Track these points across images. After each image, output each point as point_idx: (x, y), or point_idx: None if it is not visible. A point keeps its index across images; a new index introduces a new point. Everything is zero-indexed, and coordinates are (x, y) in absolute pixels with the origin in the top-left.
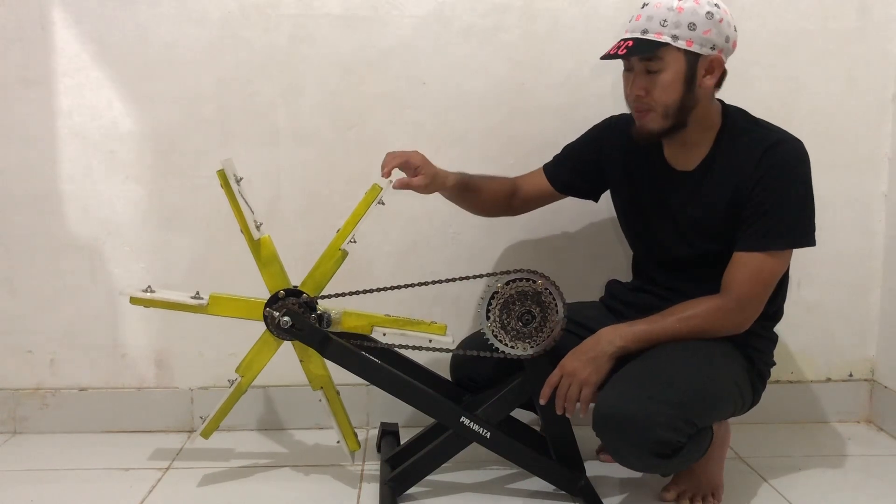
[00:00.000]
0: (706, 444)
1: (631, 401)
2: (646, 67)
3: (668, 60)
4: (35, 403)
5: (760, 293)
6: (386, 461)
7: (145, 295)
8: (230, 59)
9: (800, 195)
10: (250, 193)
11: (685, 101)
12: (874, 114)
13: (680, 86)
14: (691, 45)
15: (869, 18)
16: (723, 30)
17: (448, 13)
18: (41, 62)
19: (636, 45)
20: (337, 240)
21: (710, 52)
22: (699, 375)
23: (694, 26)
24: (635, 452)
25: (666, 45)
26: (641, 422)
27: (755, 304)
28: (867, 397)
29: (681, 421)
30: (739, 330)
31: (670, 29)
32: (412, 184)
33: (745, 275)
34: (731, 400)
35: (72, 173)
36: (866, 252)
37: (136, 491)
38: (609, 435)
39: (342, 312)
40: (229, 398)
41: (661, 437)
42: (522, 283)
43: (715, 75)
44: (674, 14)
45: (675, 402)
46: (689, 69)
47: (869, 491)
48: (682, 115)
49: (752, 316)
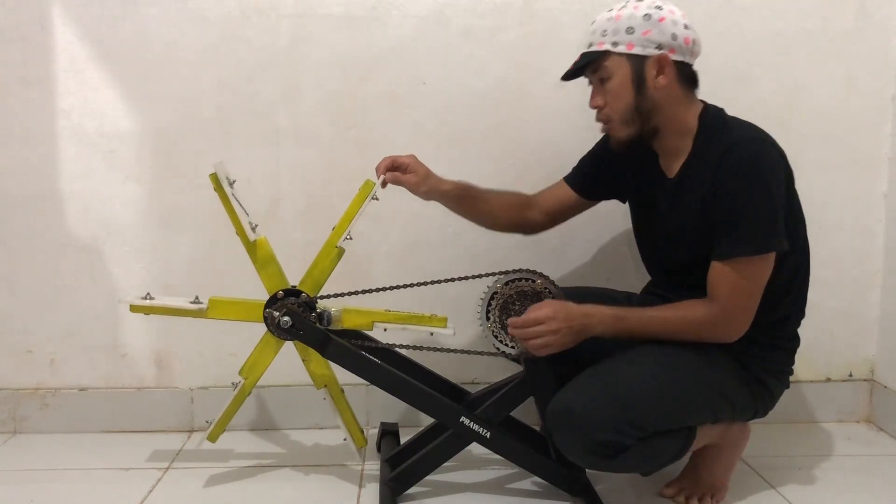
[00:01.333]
0: (675, 449)
1: (578, 401)
2: (599, 79)
3: (613, 67)
4: (35, 403)
5: (746, 302)
6: (386, 461)
7: (145, 302)
8: (230, 59)
9: (758, 199)
10: (250, 193)
11: (639, 104)
12: (874, 114)
13: (629, 89)
14: (632, 47)
15: (869, 18)
16: (665, 28)
17: (448, 13)
18: (41, 62)
19: (581, 58)
20: (333, 237)
21: (656, 51)
22: (658, 379)
23: (632, 30)
24: (577, 450)
25: (607, 53)
26: (582, 421)
27: (742, 314)
28: (867, 397)
29: (625, 423)
30: (729, 339)
31: (610, 37)
32: (402, 179)
33: (726, 285)
34: (706, 404)
35: (72, 173)
36: (866, 252)
37: (136, 491)
38: (555, 431)
39: (342, 310)
40: (234, 401)
41: (601, 437)
42: (522, 283)
43: (667, 74)
44: (612, 23)
45: (621, 405)
46: (635, 72)
47: (869, 491)
48: (644, 118)
49: (741, 326)
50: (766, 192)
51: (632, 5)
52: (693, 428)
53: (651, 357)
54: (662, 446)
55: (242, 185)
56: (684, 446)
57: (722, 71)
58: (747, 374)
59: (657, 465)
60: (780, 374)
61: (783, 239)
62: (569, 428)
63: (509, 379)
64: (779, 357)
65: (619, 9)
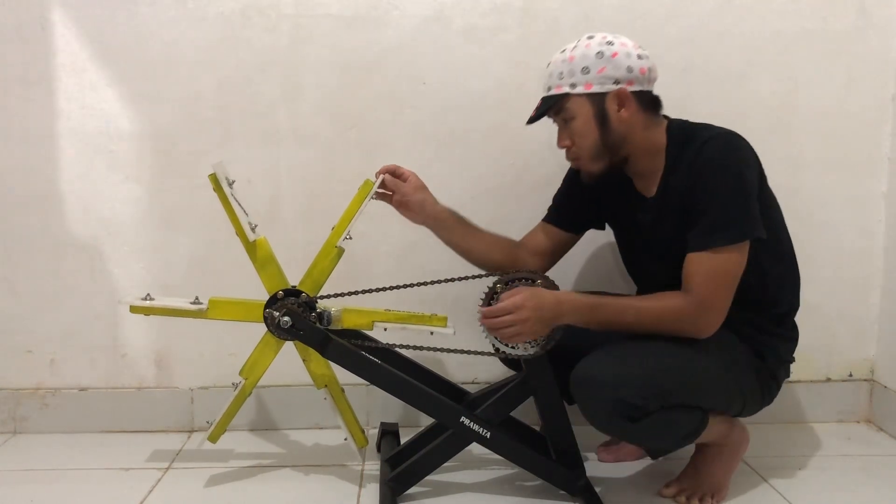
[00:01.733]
0: (691, 428)
1: (607, 363)
2: (562, 120)
3: (574, 108)
4: (35, 403)
5: (721, 293)
6: (386, 461)
7: (145, 303)
8: (230, 59)
9: (731, 187)
10: (250, 193)
11: (605, 139)
12: (874, 114)
13: (594, 127)
14: (590, 87)
15: (869, 18)
16: (620, 63)
17: (448, 13)
18: (41, 62)
19: (543, 103)
20: (332, 237)
21: (614, 86)
22: (682, 356)
23: (587, 69)
24: (601, 410)
25: (566, 95)
26: (610, 382)
27: (717, 305)
28: (867, 397)
29: (651, 389)
30: (703, 333)
31: (567, 79)
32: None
33: (701, 276)
34: (723, 390)
35: (72, 173)
36: (866, 252)
37: (136, 491)
38: (580, 393)
39: (342, 310)
40: (234, 401)
41: (627, 398)
42: (522, 283)
43: (628, 106)
44: (567, 64)
45: (648, 370)
46: (596, 109)
47: (869, 491)
48: (612, 151)
49: (716, 318)
50: (739, 182)
51: (583, 45)
52: (706, 414)
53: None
54: (681, 420)
55: (242, 185)
56: (697, 428)
57: (722, 71)
58: (762, 365)
59: (670, 441)
60: (787, 365)
61: (759, 227)
62: (597, 387)
63: (509, 379)
64: (786, 348)
65: (572, 49)
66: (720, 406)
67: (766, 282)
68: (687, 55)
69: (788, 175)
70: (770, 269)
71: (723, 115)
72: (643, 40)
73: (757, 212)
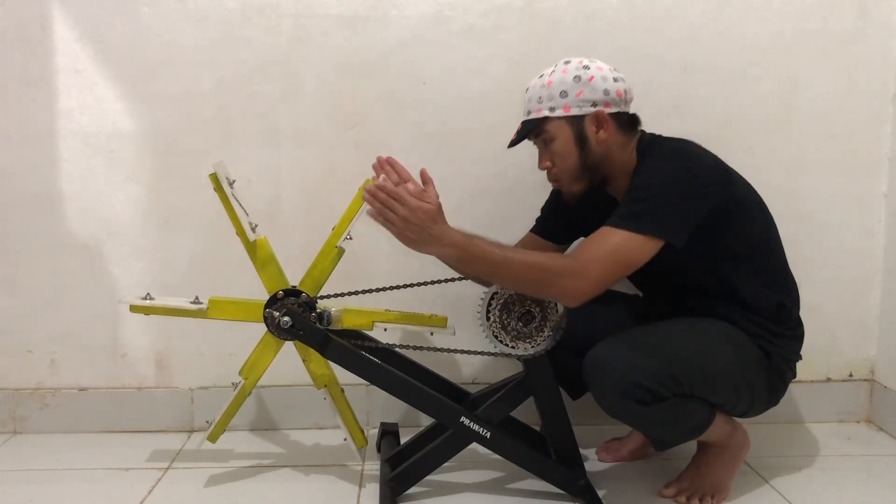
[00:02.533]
0: (699, 420)
1: (620, 350)
2: (542, 142)
3: (554, 131)
4: (35, 403)
5: (602, 269)
6: (386, 461)
7: (145, 302)
8: (230, 59)
9: (657, 184)
10: (250, 193)
11: (585, 160)
12: (874, 114)
13: (573, 149)
14: (569, 110)
15: (869, 18)
16: (596, 86)
17: (448, 13)
18: (41, 62)
19: (523, 126)
20: (332, 237)
21: (592, 108)
22: (696, 348)
23: (565, 93)
24: (614, 392)
25: (546, 119)
26: (624, 366)
27: (592, 276)
28: (867, 397)
29: (665, 374)
30: (564, 296)
31: (546, 103)
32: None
33: (597, 245)
34: (733, 386)
35: (72, 173)
36: (866, 252)
37: (136, 491)
38: (593, 375)
39: (342, 310)
40: (234, 401)
41: (641, 381)
42: None
43: (607, 128)
44: (545, 89)
45: (662, 356)
46: (576, 132)
47: (869, 491)
48: (592, 172)
49: (584, 288)
50: (673, 183)
51: (560, 69)
52: (714, 409)
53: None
54: (690, 411)
55: (242, 185)
56: (704, 422)
57: (722, 71)
58: (769, 363)
59: (677, 432)
60: (793, 364)
61: (669, 231)
62: (611, 370)
63: (509, 379)
64: (793, 347)
65: (550, 74)
66: (729, 402)
67: (753, 285)
68: (687, 55)
69: (788, 175)
70: (751, 272)
71: (723, 115)
72: (643, 40)
73: (677, 218)
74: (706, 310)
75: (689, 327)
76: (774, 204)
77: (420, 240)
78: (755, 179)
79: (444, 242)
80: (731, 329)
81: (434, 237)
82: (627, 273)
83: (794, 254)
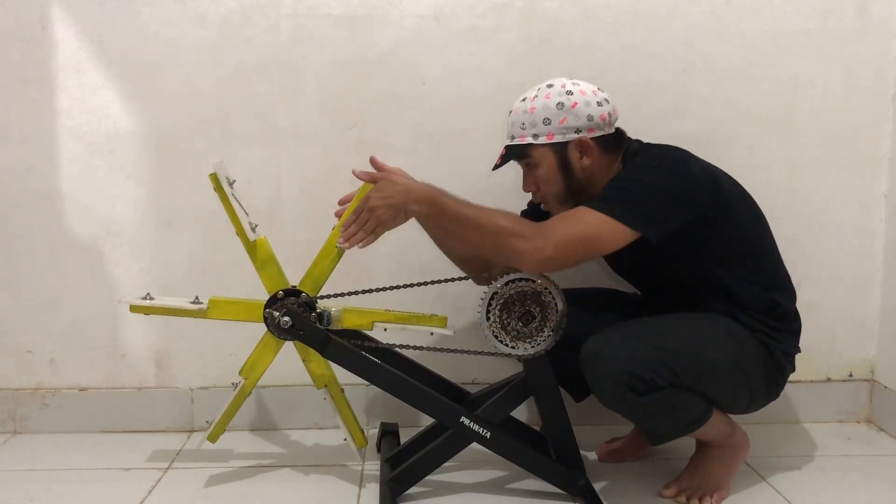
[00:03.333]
0: (696, 414)
1: (616, 340)
2: (527, 165)
3: (538, 157)
4: (35, 403)
5: (573, 241)
6: (386, 461)
7: (145, 302)
8: (230, 59)
9: (647, 183)
10: (250, 193)
11: (569, 185)
12: (874, 114)
13: (557, 175)
14: (552, 137)
15: (869, 18)
16: (580, 112)
17: (448, 13)
18: (41, 62)
19: (507, 151)
20: (332, 237)
21: (575, 135)
22: (692, 337)
23: (548, 120)
24: (609, 381)
25: (530, 146)
26: (621, 356)
27: (557, 244)
28: (867, 397)
29: (660, 364)
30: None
31: (529, 129)
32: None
33: (569, 219)
34: (731, 381)
35: (72, 173)
36: (866, 252)
37: (136, 491)
38: (589, 365)
39: (342, 310)
40: (234, 401)
41: (636, 370)
42: (522, 284)
43: (591, 154)
44: (528, 116)
45: (659, 346)
46: (559, 158)
47: (869, 491)
48: (578, 195)
49: (549, 252)
50: (659, 181)
51: (543, 94)
52: (711, 404)
53: (688, 320)
54: (686, 403)
55: (242, 185)
56: (701, 416)
57: (722, 71)
58: (770, 358)
59: (673, 425)
60: (792, 357)
61: (643, 224)
62: (607, 359)
63: (509, 379)
64: (791, 341)
65: (532, 99)
66: (727, 397)
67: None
68: (687, 55)
69: (788, 175)
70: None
71: (723, 115)
72: (643, 40)
73: (654, 214)
74: (704, 308)
75: (687, 320)
76: (774, 204)
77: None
78: (755, 179)
79: (412, 199)
80: (731, 323)
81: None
82: (592, 255)
83: (794, 254)
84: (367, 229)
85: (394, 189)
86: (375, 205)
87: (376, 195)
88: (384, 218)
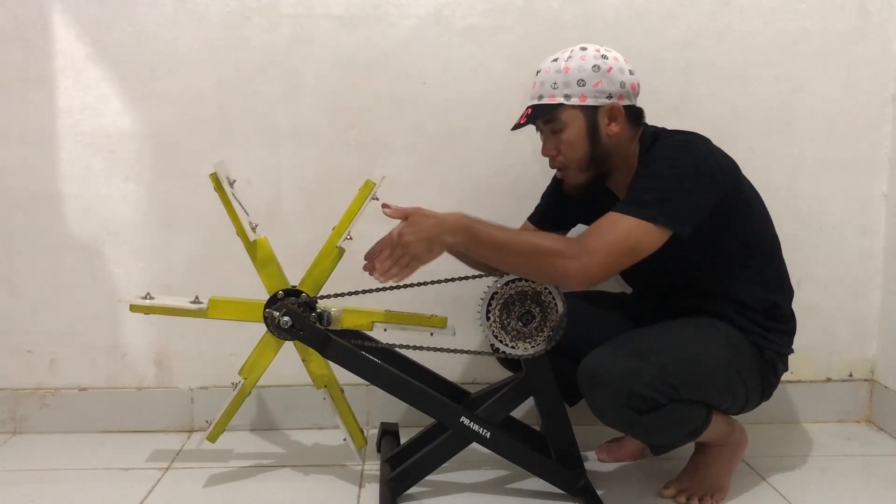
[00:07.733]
0: (696, 424)
1: (615, 358)
2: (551, 129)
3: (567, 119)
4: (35, 403)
5: (614, 253)
6: (386, 461)
7: (145, 302)
8: (230, 59)
9: (665, 175)
10: (250, 193)
11: (594, 152)
12: (874, 114)
13: (585, 139)
14: (585, 99)
15: (869, 18)
16: (614, 78)
17: (448, 13)
18: (41, 62)
19: (534, 111)
20: (333, 237)
21: (607, 100)
22: (691, 351)
23: (583, 82)
24: (610, 401)
25: (560, 106)
26: (620, 374)
27: (597, 260)
28: (867, 397)
29: (660, 381)
30: (568, 279)
31: (561, 90)
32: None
33: (605, 230)
34: (729, 386)
35: (72, 173)
36: (866, 252)
37: (136, 491)
38: (588, 385)
39: (342, 310)
40: (234, 401)
41: (637, 390)
42: (522, 283)
43: (619, 121)
44: (562, 75)
45: (657, 363)
46: (589, 122)
47: (869, 491)
48: (600, 164)
49: (594, 270)
50: (674, 173)
51: (578, 56)
52: (711, 411)
53: (682, 329)
54: (687, 416)
55: (242, 185)
56: (702, 425)
57: (722, 71)
58: (762, 359)
59: (675, 437)
60: (785, 357)
61: (675, 221)
62: (608, 379)
63: (509, 379)
64: (785, 341)
65: (566, 60)
66: (725, 402)
67: (749, 285)
68: (687, 55)
69: (788, 175)
70: (748, 272)
71: (723, 115)
72: (643, 40)
73: (686, 210)
74: (697, 307)
75: (682, 329)
76: (774, 204)
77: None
78: (755, 179)
79: (446, 230)
80: (724, 327)
81: (435, 233)
82: (632, 261)
83: (794, 254)
84: (402, 264)
85: (426, 222)
86: (409, 240)
87: (409, 230)
88: (418, 252)
